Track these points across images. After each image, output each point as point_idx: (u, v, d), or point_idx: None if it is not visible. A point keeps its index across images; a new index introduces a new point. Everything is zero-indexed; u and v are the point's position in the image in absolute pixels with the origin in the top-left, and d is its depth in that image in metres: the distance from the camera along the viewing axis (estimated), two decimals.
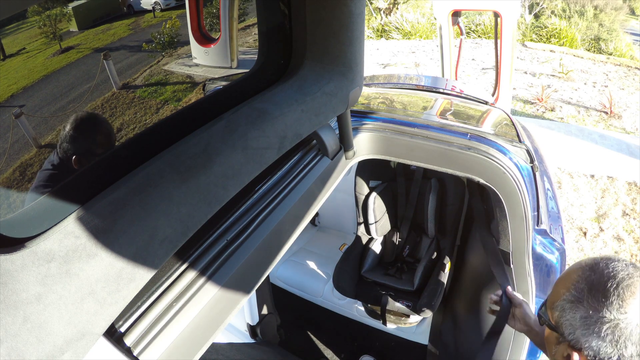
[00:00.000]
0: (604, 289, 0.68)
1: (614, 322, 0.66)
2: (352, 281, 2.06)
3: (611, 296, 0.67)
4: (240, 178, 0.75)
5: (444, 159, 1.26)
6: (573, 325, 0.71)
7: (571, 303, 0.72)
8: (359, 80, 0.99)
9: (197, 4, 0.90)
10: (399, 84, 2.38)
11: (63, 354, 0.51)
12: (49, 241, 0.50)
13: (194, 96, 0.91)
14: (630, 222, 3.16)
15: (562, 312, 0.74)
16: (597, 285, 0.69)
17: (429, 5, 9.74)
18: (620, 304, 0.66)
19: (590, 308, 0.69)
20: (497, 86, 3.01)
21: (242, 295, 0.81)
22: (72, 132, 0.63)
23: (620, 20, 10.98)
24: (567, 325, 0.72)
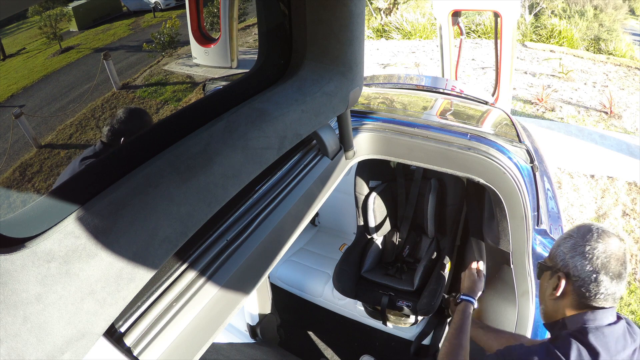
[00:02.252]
0: (588, 229, 0.96)
1: (593, 247, 0.93)
2: (352, 281, 2.06)
3: (594, 233, 0.95)
4: (240, 178, 0.75)
5: (444, 159, 1.26)
6: (564, 252, 0.97)
7: (564, 239, 0.99)
8: (359, 80, 0.99)
9: (197, 4, 0.90)
10: (399, 84, 2.38)
11: (63, 354, 0.51)
12: (49, 241, 0.50)
13: (194, 96, 0.91)
14: (630, 222, 3.16)
15: (557, 247, 0.99)
16: (582, 229, 0.97)
17: (429, 5, 9.74)
18: (598, 238, 0.94)
19: (579, 238, 0.96)
20: (497, 86, 3.01)
21: (242, 295, 0.81)
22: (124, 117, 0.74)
23: (621, 20, 10.98)
24: (560, 254, 0.98)
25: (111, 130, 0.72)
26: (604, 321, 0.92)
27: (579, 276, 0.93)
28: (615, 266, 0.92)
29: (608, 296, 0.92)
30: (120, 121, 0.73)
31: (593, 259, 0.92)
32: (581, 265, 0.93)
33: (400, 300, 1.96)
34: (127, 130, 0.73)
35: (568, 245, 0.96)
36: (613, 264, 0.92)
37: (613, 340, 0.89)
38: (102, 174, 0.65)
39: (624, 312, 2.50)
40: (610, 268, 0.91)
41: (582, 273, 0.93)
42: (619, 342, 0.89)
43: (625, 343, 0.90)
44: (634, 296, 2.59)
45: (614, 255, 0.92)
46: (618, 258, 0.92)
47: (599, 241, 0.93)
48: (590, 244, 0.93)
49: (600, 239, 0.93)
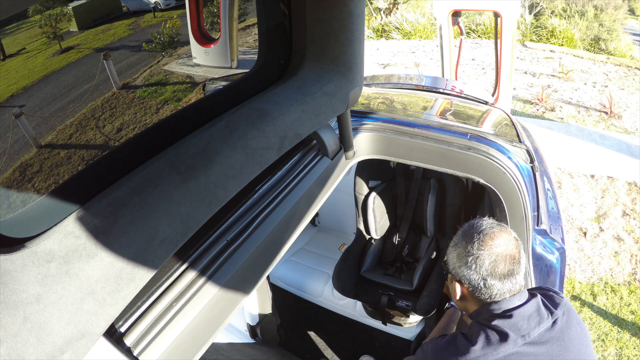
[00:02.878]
0: (471, 235, 0.95)
1: (475, 256, 0.93)
2: (351, 281, 2.06)
3: (475, 239, 0.94)
4: (240, 178, 0.75)
5: (444, 159, 1.26)
6: (453, 262, 0.98)
7: (452, 247, 1.00)
8: (359, 80, 0.99)
9: (197, 4, 0.90)
10: (399, 84, 2.38)
11: (63, 354, 0.51)
12: (49, 241, 0.50)
13: (194, 96, 0.91)
14: (630, 222, 3.16)
15: (448, 255, 1.01)
16: (467, 233, 0.97)
17: (429, 5, 9.73)
18: (480, 246, 0.93)
19: (462, 247, 0.96)
20: (497, 86, 3.01)
21: (242, 295, 0.81)
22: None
23: (621, 20, 10.98)
24: (450, 262, 0.99)
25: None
26: (510, 305, 0.92)
27: (470, 284, 0.95)
28: (503, 268, 0.92)
29: (504, 293, 0.93)
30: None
31: (478, 269, 0.92)
32: (468, 274, 0.94)
33: (399, 300, 1.96)
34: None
35: (455, 255, 0.97)
36: (500, 267, 0.92)
37: (523, 319, 0.89)
38: (102, 174, 0.65)
39: (623, 312, 2.50)
40: (497, 272, 0.92)
41: (472, 281, 0.94)
42: (532, 320, 0.90)
43: (539, 319, 0.90)
44: (633, 296, 2.60)
45: (499, 259, 0.92)
46: (505, 259, 0.92)
47: (482, 249, 0.92)
48: (472, 254, 0.93)
49: (483, 246, 0.92)
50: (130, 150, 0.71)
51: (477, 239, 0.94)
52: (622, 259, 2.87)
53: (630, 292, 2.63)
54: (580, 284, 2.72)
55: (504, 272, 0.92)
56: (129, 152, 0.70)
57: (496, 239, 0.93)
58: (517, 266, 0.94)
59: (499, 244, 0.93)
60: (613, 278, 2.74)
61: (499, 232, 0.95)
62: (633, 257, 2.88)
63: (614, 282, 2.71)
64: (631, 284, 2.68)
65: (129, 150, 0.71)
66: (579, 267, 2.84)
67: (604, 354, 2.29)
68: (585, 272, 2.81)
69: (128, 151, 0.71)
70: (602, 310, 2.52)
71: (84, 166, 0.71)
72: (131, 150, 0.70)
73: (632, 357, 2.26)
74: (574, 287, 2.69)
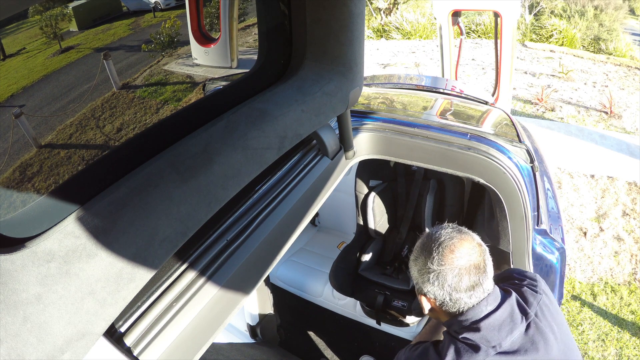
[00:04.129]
0: (430, 248, 0.90)
1: (437, 272, 0.88)
2: (348, 279, 2.06)
3: (434, 253, 0.89)
4: (240, 178, 0.75)
5: (444, 159, 1.26)
6: (415, 277, 0.94)
7: (412, 261, 0.95)
8: (359, 80, 0.99)
9: (197, 4, 0.90)
10: (399, 84, 2.38)
11: (63, 354, 0.51)
12: (49, 241, 0.50)
13: (194, 96, 0.91)
14: (630, 222, 3.16)
15: (411, 267, 0.96)
16: (426, 247, 0.92)
17: (429, 5, 9.73)
18: (440, 258, 0.88)
19: (422, 263, 0.91)
20: (497, 86, 3.01)
21: (242, 295, 0.81)
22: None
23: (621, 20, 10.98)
24: (414, 277, 0.95)
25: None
26: (479, 315, 0.88)
27: (435, 298, 0.91)
28: (468, 281, 0.88)
29: (470, 302, 0.89)
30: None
31: (441, 285, 0.88)
32: (433, 290, 0.90)
33: (395, 299, 1.96)
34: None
35: (416, 270, 0.93)
36: (464, 280, 0.87)
37: (494, 330, 0.86)
38: (102, 174, 0.65)
39: (623, 312, 2.50)
40: (462, 286, 0.88)
41: (437, 296, 0.90)
42: (503, 329, 0.86)
43: (512, 326, 0.87)
44: (633, 296, 2.60)
45: (463, 272, 0.87)
46: (469, 271, 0.88)
47: (442, 264, 0.88)
48: (434, 270, 0.88)
49: (443, 260, 0.88)
50: (130, 150, 0.71)
51: (437, 253, 0.89)
52: (622, 259, 2.87)
53: (630, 292, 2.63)
54: (580, 284, 2.72)
55: (469, 285, 0.88)
56: (129, 152, 0.70)
57: (456, 251, 0.88)
58: (483, 275, 0.89)
59: (460, 256, 0.88)
60: (613, 278, 2.74)
61: (458, 243, 0.90)
62: (633, 257, 2.88)
63: (614, 282, 2.71)
64: (631, 284, 2.68)
65: (129, 150, 0.71)
66: (579, 267, 2.84)
67: (604, 354, 2.29)
68: (585, 272, 2.81)
69: (128, 151, 0.70)
70: (602, 310, 2.52)
71: (84, 166, 0.71)
72: (131, 150, 0.70)
73: (632, 357, 2.26)
74: (574, 287, 2.69)
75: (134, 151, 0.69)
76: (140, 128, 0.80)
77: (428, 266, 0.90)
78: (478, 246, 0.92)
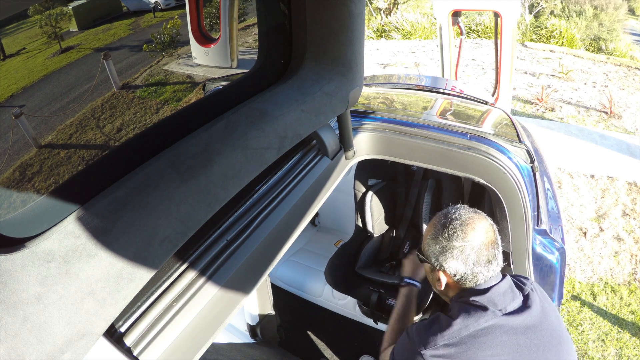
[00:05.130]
0: (452, 226, 0.97)
1: (461, 247, 0.95)
2: (343, 275, 2.05)
3: (457, 231, 0.96)
4: (240, 178, 0.75)
5: (444, 159, 1.26)
6: (435, 254, 0.99)
7: (432, 239, 1.00)
8: (359, 80, 0.99)
9: (197, 4, 0.90)
10: (399, 84, 2.38)
11: (63, 354, 0.51)
12: (49, 241, 0.50)
13: (194, 96, 0.91)
14: (630, 222, 3.16)
15: (428, 247, 1.01)
16: (447, 225, 0.98)
17: (429, 5, 9.73)
18: (463, 235, 0.96)
19: (444, 240, 0.97)
20: (497, 86, 3.01)
21: (242, 295, 0.81)
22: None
23: (621, 20, 10.97)
24: (432, 255, 1.00)
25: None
26: (487, 285, 0.97)
27: (456, 274, 0.97)
28: (486, 254, 0.96)
29: (487, 275, 0.97)
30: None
31: (465, 259, 0.95)
32: (455, 265, 0.96)
33: (390, 298, 1.95)
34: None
35: (438, 247, 0.98)
36: (484, 254, 0.96)
37: (499, 296, 0.95)
38: (102, 174, 0.65)
39: (623, 312, 2.50)
40: (482, 259, 0.96)
41: (459, 271, 0.97)
42: (506, 296, 0.95)
43: (513, 295, 0.96)
44: (633, 296, 2.60)
45: (482, 247, 0.96)
46: (487, 246, 0.97)
47: (466, 240, 0.95)
48: (457, 247, 0.96)
49: (464, 235, 0.96)
50: (130, 150, 0.71)
51: (460, 230, 0.96)
52: (622, 259, 2.87)
53: (630, 292, 2.63)
54: (580, 284, 2.72)
55: (488, 258, 0.96)
56: (129, 152, 0.70)
57: (477, 227, 0.97)
58: (498, 250, 0.99)
59: (480, 232, 0.97)
60: (613, 278, 2.74)
61: (478, 220, 0.98)
62: (633, 257, 2.88)
63: (614, 282, 2.71)
64: (631, 284, 2.68)
65: (129, 150, 0.71)
66: (579, 267, 2.84)
67: (604, 354, 2.29)
68: (585, 272, 2.81)
69: (128, 151, 0.70)
70: (602, 310, 2.52)
71: (84, 166, 0.71)
72: (131, 150, 0.70)
73: (632, 357, 2.26)
74: (574, 287, 2.69)
75: (134, 151, 0.69)
76: (140, 128, 0.80)
77: (452, 243, 0.96)
78: (491, 225, 1.01)
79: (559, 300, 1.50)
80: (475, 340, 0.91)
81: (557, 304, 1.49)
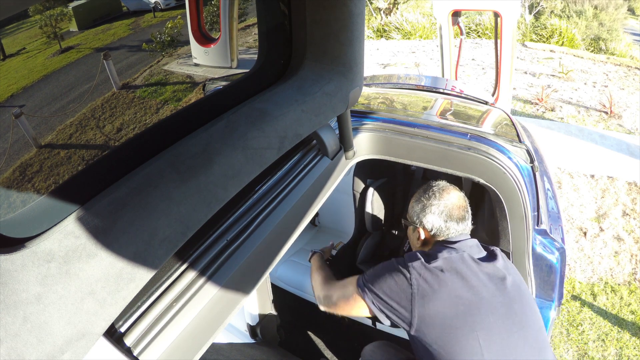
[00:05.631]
0: (432, 191, 1.23)
1: (437, 205, 1.20)
2: (346, 271, 2.05)
3: (436, 193, 1.22)
4: (240, 178, 0.75)
5: (444, 159, 1.26)
6: (417, 213, 1.23)
7: (415, 202, 1.25)
8: (359, 80, 0.99)
9: (197, 4, 0.90)
10: (399, 84, 2.38)
11: (63, 354, 0.51)
12: (49, 241, 0.50)
13: (194, 96, 0.91)
14: (630, 222, 3.16)
15: (411, 209, 1.26)
16: (428, 190, 1.24)
17: (429, 5, 9.74)
18: (440, 195, 1.21)
19: (426, 199, 1.22)
20: (497, 86, 3.01)
21: (242, 295, 0.81)
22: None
23: (621, 20, 10.97)
24: (414, 214, 1.24)
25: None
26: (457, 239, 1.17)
27: (433, 227, 1.19)
28: (458, 213, 1.19)
29: (458, 230, 1.18)
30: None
31: (440, 214, 1.18)
32: (432, 219, 1.19)
33: None
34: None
35: (419, 207, 1.22)
36: (455, 212, 1.19)
37: (466, 246, 1.14)
38: (102, 174, 0.65)
39: (623, 312, 2.50)
40: (454, 215, 1.18)
41: (435, 224, 1.19)
42: (473, 248, 1.15)
43: (479, 250, 1.16)
44: (633, 296, 2.60)
45: (454, 206, 1.19)
46: (459, 207, 1.20)
47: (442, 199, 1.20)
48: (434, 204, 1.19)
49: (442, 197, 1.20)
50: (130, 150, 0.71)
51: (438, 192, 1.21)
52: (622, 259, 2.87)
53: (630, 292, 2.63)
54: (580, 283, 2.72)
55: (459, 216, 1.19)
56: (129, 152, 0.70)
57: (450, 192, 1.22)
58: (467, 213, 1.21)
59: (453, 197, 1.21)
60: (613, 278, 2.74)
61: (452, 188, 1.24)
62: (633, 257, 2.88)
63: (614, 282, 2.71)
64: (631, 284, 2.68)
65: (129, 150, 0.71)
66: (579, 267, 2.84)
67: (604, 354, 2.29)
68: (585, 272, 2.81)
69: (128, 151, 0.70)
70: (602, 310, 2.52)
71: (84, 166, 0.71)
72: (131, 150, 0.70)
73: (632, 357, 2.26)
74: (574, 287, 2.69)
75: (134, 151, 0.69)
76: (140, 128, 0.80)
77: (431, 202, 1.20)
78: (464, 197, 1.24)
79: (559, 300, 1.50)
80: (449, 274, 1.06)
81: (557, 304, 1.49)
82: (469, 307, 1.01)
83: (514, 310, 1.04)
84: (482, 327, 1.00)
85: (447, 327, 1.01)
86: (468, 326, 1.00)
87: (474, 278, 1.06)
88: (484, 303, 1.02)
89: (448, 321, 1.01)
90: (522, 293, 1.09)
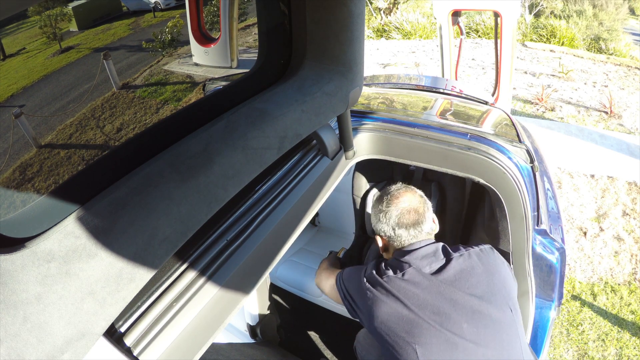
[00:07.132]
0: (382, 197, 1.23)
1: (385, 212, 1.19)
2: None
3: (385, 200, 1.21)
4: (240, 178, 0.75)
5: (444, 159, 1.26)
6: (374, 222, 1.24)
7: (372, 211, 1.26)
8: (359, 80, 0.99)
9: (197, 4, 0.90)
10: (399, 84, 2.38)
11: (63, 354, 0.51)
12: (49, 241, 0.50)
13: (194, 96, 0.91)
14: (630, 222, 3.16)
15: (370, 217, 1.30)
16: (380, 197, 1.25)
17: (429, 5, 9.74)
18: (388, 203, 1.20)
19: (376, 207, 1.23)
20: (497, 86, 3.01)
21: (242, 295, 0.81)
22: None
23: (621, 20, 10.97)
24: (372, 222, 1.26)
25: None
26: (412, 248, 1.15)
27: (385, 234, 1.20)
28: (408, 218, 1.16)
29: (409, 239, 1.16)
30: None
31: (388, 221, 1.18)
32: (382, 227, 1.20)
33: None
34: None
35: (373, 214, 1.25)
36: (405, 218, 1.16)
37: (417, 259, 1.11)
38: (102, 174, 0.65)
39: (623, 312, 2.50)
40: (403, 222, 1.16)
41: (386, 232, 1.19)
42: (425, 259, 1.11)
43: (434, 258, 1.11)
44: (634, 296, 2.60)
45: (404, 212, 1.17)
46: (409, 212, 1.17)
47: (390, 206, 1.19)
48: (383, 211, 1.19)
49: (390, 203, 1.19)
50: (130, 150, 0.71)
51: (386, 199, 1.21)
52: (622, 259, 2.87)
53: (630, 292, 2.63)
54: (580, 283, 2.72)
55: (409, 222, 1.16)
56: (129, 152, 0.70)
57: (400, 197, 1.20)
58: (422, 217, 1.18)
59: (403, 201, 1.19)
60: (613, 278, 2.74)
61: (403, 192, 1.22)
62: (633, 257, 2.88)
63: (614, 282, 2.71)
64: (631, 284, 2.68)
65: (129, 150, 0.71)
66: (579, 267, 2.84)
67: (604, 354, 2.29)
68: (585, 272, 2.81)
69: (128, 151, 0.70)
70: (602, 310, 2.52)
71: (84, 166, 0.71)
72: (131, 150, 0.70)
73: (632, 357, 2.26)
74: (574, 287, 2.69)
75: (134, 151, 0.69)
76: (140, 128, 0.80)
77: (379, 208, 1.21)
78: (420, 197, 1.22)
79: (559, 300, 1.50)
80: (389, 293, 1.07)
81: (557, 304, 1.49)
82: (407, 323, 1.04)
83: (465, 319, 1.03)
84: (420, 341, 1.01)
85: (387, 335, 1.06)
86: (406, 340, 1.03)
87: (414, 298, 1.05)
88: (421, 321, 1.03)
89: (387, 331, 1.06)
90: (484, 295, 1.05)
